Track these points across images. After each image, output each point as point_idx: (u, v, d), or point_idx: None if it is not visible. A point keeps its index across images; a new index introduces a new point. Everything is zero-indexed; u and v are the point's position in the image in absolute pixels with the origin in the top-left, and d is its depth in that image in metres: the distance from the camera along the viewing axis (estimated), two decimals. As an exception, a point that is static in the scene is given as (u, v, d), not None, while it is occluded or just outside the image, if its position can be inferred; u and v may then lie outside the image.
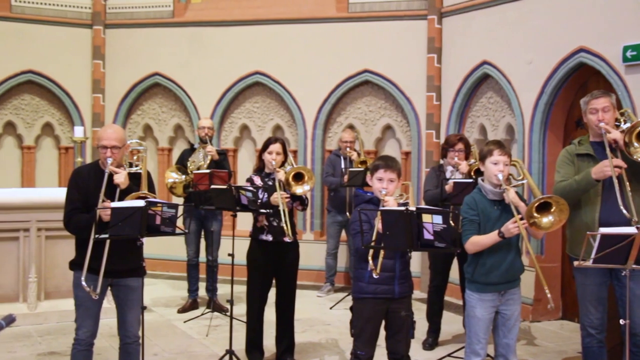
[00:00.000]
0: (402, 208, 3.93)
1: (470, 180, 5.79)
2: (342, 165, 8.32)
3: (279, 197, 5.51)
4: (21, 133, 9.79)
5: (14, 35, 9.47)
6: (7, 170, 9.70)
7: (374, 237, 4.12)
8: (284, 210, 5.49)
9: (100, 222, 4.32)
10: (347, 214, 8.25)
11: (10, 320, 2.15)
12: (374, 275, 4.15)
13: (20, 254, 6.93)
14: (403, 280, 4.44)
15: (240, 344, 5.84)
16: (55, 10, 9.76)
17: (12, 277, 6.92)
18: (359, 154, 8.35)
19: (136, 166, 4.79)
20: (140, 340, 4.66)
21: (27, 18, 9.58)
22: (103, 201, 4.36)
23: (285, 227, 5.51)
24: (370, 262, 4.15)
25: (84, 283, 4.39)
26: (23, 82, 9.68)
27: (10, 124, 9.74)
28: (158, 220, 4.35)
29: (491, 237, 4.32)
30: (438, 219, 3.85)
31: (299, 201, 5.74)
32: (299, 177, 5.62)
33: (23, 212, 6.92)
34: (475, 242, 4.38)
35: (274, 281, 5.86)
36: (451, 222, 3.81)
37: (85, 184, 4.52)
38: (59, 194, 7.17)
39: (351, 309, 4.56)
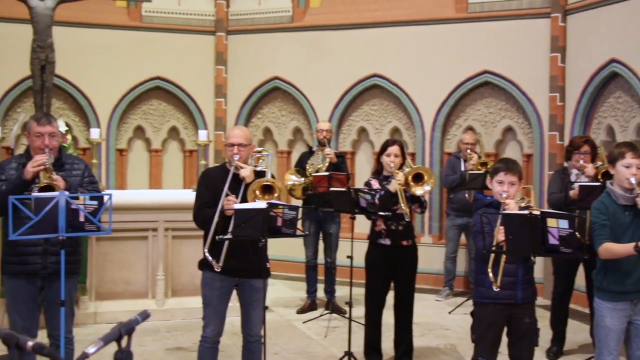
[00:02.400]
0: (526, 212, 3.83)
1: (598, 184, 5.56)
2: (462, 168, 8.19)
3: (395, 183, 5.46)
4: (150, 137, 10.24)
5: (144, 44, 9.92)
6: (136, 173, 10.18)
7: (495, 242, 4.03)
8: (401, 196, 5.43)
9: (225, 220, 4.45)
10: (467, 217, 8.11)
11: (145, 316, 2.25)
12: (495, 289, 4.07)
13: (149, 252, 7.24)
14: (526, 286, 4.32)
15: (358, 346, 5.86)
16: (181, 19, 10.16)
17: (141, 274, 7.25)
18: (479, 157, 8.19)
19: (261, 167, 4.90)
20: (263, 340, 4.76)
21: (156, 27, 10.02)
22: (227, 195, 4.49)
23: (403, 207, 5.45)
24: (490, 274, 4.06)
25: (207, 255, 4.54)
26: (152, 89, 10.12)
27: (140, 128, 10.21)
28: (280, 222, 4.44)
29: (626, 249, 4.09)
30: (564, 223, 3.73)
31: (418, 204, 5.68)
32: (418, 178, 5.54)
33: (152, 213, 7.22)
34: (609, 250, 4.17)
35: (392, 284, 5.84)
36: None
37: (214, 183, 4.66)
38: (185, 196, 7.49)
39: (472, 314, 4.48)
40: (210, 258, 4.55)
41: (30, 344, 2.09)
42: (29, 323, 4.46)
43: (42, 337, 4.61)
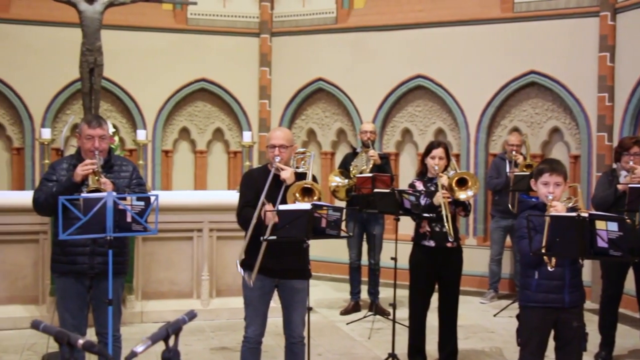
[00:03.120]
0: (574, 214, 3.77)
1: (648, 186, 5.45)
2: (508, 169, 8.10)
3: (440, 197, 5.45)
4: (194, 138, 10.34)
5: (189, 46, 10.03)
6: (181, 173, 10.30)
7: (542, 244, 3.98)
8: (445, 209, 5.42)
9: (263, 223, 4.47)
10: (512, 219, 8.02)
11: (191, 316, 2.28)
12: (549, 268, 4.00)
13: (194, 253, 7.32)
14: (573, 289, 4.25)
15: (402, 348, 5.83)
16: (226, 20, 10.24)
17: (186, 274, 7.33)
18: (524, 158, 8.09)
19: (302, 168, 4.91)
20: (305, 340, 4.77)
21: (201, 29, 10.13)
22: (264, 204, 4.48)
23: (447, 227, 5.45)
24: (545, 259, 4.00)
25: (240, 269, 4.56)
26: (197, 90, 10.23)
27: (185, 129, 10.32)
28: (324, 223, 4.45)
29: None
30: (613, 225, 3.65)
31: (461, 207, 5.65)
32: (462, 183, 5.53)
33: (196, 214, 7.30)
34: None
35: (436, 286, 5.81)
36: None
37: (256, 183, 4.69)
38: (229, 197, 7.54)
39: (517, 317, 4.43)
40: (242, 272, 4.58)
41: (81, 341, 2.13)
42: (78, 321, 4.55)
43: (91, 334, 4.68)
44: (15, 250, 6.88)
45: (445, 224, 5.45)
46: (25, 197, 6.23)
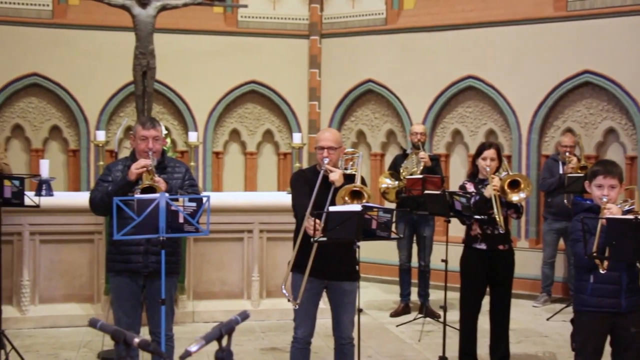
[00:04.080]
0: (631, 217, 3.69)
1: None
2: (561, 171, 7.97)
3: (491, 189, 5.38)
4: (245, 140, 10.42)
5: (240, 48, 10.11)
6: (232, 175, 10.38)
7: (594, 248, 3.90)
8: (496, 201, 5.34)
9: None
10: (565, 221, 7.89)
11: (244, 316, 2.29)
12: (601, 271, 3.92)
13: (244, 253, 7.38)
14: (631, 294, 4.15)
15: (453, 351, 5.78)
16: (276, 23, 10.30)
17: (237, 275, 7.40)
18: (578, 159, 7.94)
19: (350, 169, 4.91)
20: (355, 342, 4.76)
21: (251, 32, 10.20)
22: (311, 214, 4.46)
23: (498, 219, 5.37)
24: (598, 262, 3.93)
25: (284, 292, 4.59)
26: (247, 92, 10.29)
27: (235, 131, 10.41)
28: (374, 225, 4.43)
29: None
30: (672, 229, 3.56)
31: (513, 209, 5.58)
32: (514, 185, 5.47)
33: (247, 215, 7.36)
34: None
35: (487, 289, 5.74)
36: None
37: (307, 181, 4.69)
38: (279, 198, 7.61)
39: (572, 321, 4.35)
40: (286, 293, 4.59)
41: (137, 340, 2.17)
42: (132, 320, 4.63)
43: (144, 334, 4.76)
44: (72, 250, 7.04)
45: (497, 216, 5.37)
46: (80, 198, 6.40)
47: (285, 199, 6.93)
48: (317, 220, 4.31)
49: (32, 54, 9.47)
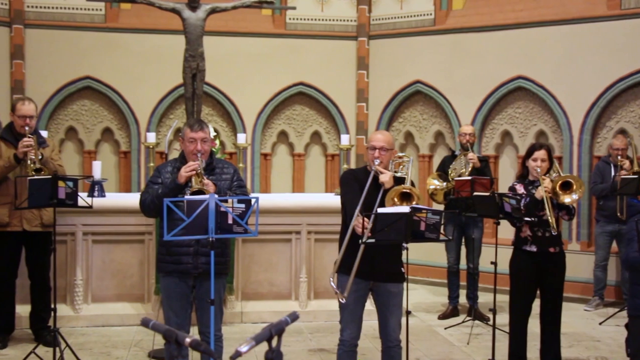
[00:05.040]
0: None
1: None
2: (612, 174, 7.81)
3: (542, 190, 5.30)
4: (292, 141, 10.47)
5: (288, 50, 10.17)
6: (280, 176, 10.45)
7: None
8: (547, 202, 5.26)
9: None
10: (619, 224, 7.73)
11: (294, 317, 2.30)
12: None
13: (292, 255, 7.40)
14: (687, 299, 4.06)
15: (502, 355, 5.71)
16: (324, 24, 10.33)
17: (285, 276, 7.42)
18: (631, 162, 7.76)
19: (401, 173, 4.88)
20: (402, 344, 4.74)
21: (299, 34, 10.25)
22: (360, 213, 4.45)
23: (550, 220, 5.28)
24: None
25: (332, 284, 4.58)
26: (295, 94, 10.35)
27: (283, 133, 10.47)
28: (422, 227, 4.40)
29: None
30: None
31: (565, 210, 5.49)
32: (566, 186, 5.37)
33: (295, 216, 7.37)
34: None
35: (538, 292, 5.66)
36: None
37: (357, 181, 4.68)
38: (327, 200, 7.62)
39: (626, 326, 4.26)
40: (335, 287, 4.59)
41: (188, 340, 2.20)
42: (181, 319, 4.68)
43: (193, 333, 4.81)
44: (123, 250, 7.16)
45: (549, 217, 5.28)
46: (131, 199, 6.50)
47: (333, 200, 6.95)
48: (366, 219, 4.31)
49: (85, 57, 9.69)
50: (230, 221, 4.27)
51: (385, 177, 4.59)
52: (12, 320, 6.47)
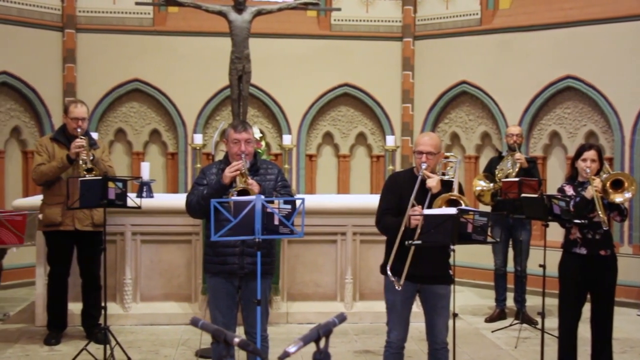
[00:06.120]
0: None
1: None
2: (666, 174, 7.64)
3: (592, 190, 5.19)
4: (338, 142, 10.47)
5: (333, 51, 10.16)
6: (325, 177, 10.45)
7: None
8: (598, 201, 5.13)
9: (408, 227, 4.45)
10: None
11: (341, 318, 2.30)
12: None
13: (338, 256, 7.40)
14: None
15: (551, 359, 5.62)
16: (369, 25, 10.30)
17: (330, 277, 7.43)
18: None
19: (448, 175, 4.85)
20: (449, 347, 4.70)
21: (344, 35, 10.24)
22: (413, 205, 4.48)
23: (601, 218, 5.15)
24: None
25: (389, 273, 4.56)
26: (340, 95, 10.35)
27: (328, 134, 10.47)
28: (470, 229, 4.37)
29: None
30: None
31: (617, 211, 5.36)
32: (617, 185, 5.24)
33: (341, 217, 7.38)
34: None
35: (588, 296, 5.55)
36: None
37: (400, 189, 4.68)
38: (372, 201, 7.55)
39: (681, 332, 4.16)
40: (391, 276, 4.57)
41: (237, 340, 2.21)
42: (228, 319, 4.72)
43: (239, 333, 4.84)
44: (170, 250, 7.26)
45: (600, 215, 5.16)
46: (178, 200, 6.58)
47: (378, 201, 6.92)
48: (419, 208, 4.35)
49: (134, 60, 9.84)
50: (276, 222, 4.29)
51: (433, 182, 4.56)
52: (65, 318, 6.62)
